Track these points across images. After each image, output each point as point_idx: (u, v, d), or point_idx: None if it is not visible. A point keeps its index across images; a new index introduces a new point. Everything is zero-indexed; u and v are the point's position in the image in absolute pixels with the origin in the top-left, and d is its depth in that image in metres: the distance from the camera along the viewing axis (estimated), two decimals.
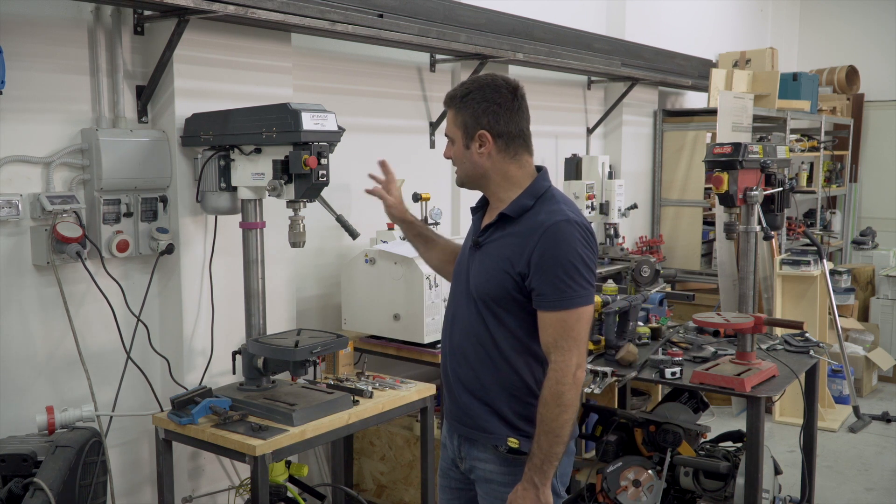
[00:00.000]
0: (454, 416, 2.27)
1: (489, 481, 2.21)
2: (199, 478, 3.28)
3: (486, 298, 2.14)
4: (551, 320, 2.05)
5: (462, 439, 2.25)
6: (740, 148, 3.83)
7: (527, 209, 2.13)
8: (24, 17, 2.80)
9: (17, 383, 2.84)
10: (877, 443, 5.25)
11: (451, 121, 2.20)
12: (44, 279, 2.87)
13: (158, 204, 3.11)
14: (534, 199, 2.14)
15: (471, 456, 2.24)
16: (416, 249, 2.59)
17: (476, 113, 2.14)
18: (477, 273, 2.17)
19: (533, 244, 2.06)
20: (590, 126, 6.01)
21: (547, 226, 2.06)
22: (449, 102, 2.21)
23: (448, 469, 2.37)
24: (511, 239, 2.12)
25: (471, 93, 2.15)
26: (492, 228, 2.18)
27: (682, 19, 7.05)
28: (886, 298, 6.94)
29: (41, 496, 2.36)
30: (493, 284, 2.12)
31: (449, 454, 2.34)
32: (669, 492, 3.47)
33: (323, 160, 2.75)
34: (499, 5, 4.64)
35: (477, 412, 2.18)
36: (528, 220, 2.11)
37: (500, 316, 2.13)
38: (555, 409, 2.03)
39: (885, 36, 8.61)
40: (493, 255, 2.14)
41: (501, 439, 2.15)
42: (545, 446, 2.04)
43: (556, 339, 2.04)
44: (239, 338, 3.21)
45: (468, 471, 2.27)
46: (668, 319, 3.97)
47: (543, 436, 2.04)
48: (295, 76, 3.58)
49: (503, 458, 2.17)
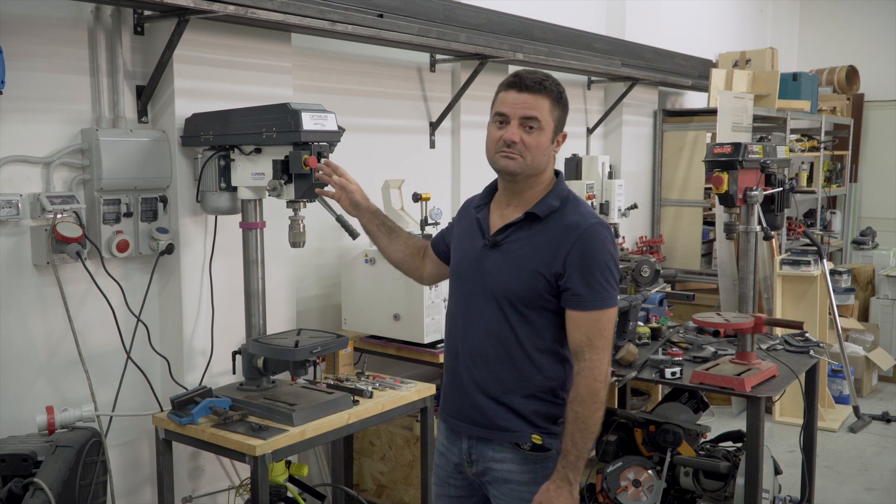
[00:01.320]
0: (466, 419, 2.22)
1: (507, 481, 2.18)
2: (199, 478, 3.28)
3: (513, 298, 2.12)
4: (585, 320, 2.07)
5: (474, 441, 2.21)
6: (740, 148, 3.82)
7: (554, 210, 2.14)
8: (24, 17, 2.80)
9: (17, 383, 2.84)
10: (877, 443, 5.25)
11: (548, 109, 2.12)
12: (44, 279, 2.87)
13: (158, 204, 3.11)
14: (559, 200, 2.15)
15: (485, 457, 2.20)
16: (377, 241, 2.53)
17: (565, 113, 2.17)
18: (499, 272, 2.14)
19: (569, 245, 2.07)
20: (590, 126, 6.01)
21: (584, 228, 2.08)
22: (546, 91, 2.12)
23: (448, 477, 2.32)
24: (540, 239, 2.11)
25: (563, 93, 2.16)
26: (513, 227, 2.16)
27: (682, 19, 7.05)
28: (886, 298, 6.94)
29: (41, 496, 2.36)
30: (521, 284, 2.11)
31: (452, 459, 2.28)
32: (669, 492, 3.47)
33: (323, 160, 2.74)
34: (499, 5, 4.64)
35: (495, 412, 2.16)
36: (558, 221, 2.12)
37: (525, 315, 2.12)
38: (591, 406, 2.05)
39: (885, 36, 8.61)
40: (520, 255, 2.12)
41: (524, 437, 2.15)
42: (580, 443, 2.05)
43: (591, 338, 2.07)
44: (239, 338, 3.21)
45: (480, 473, 2.22)
46: (668, 319, 3.97)
47: (578, 433, 2.05)
48: (295, 76, 3.58)
49: (523, 457, 2.16)
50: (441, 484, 2.35)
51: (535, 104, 2.10)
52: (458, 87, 4.51)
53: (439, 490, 2.36)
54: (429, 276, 2.54)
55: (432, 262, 2.50)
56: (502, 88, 2.18)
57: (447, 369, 2.31)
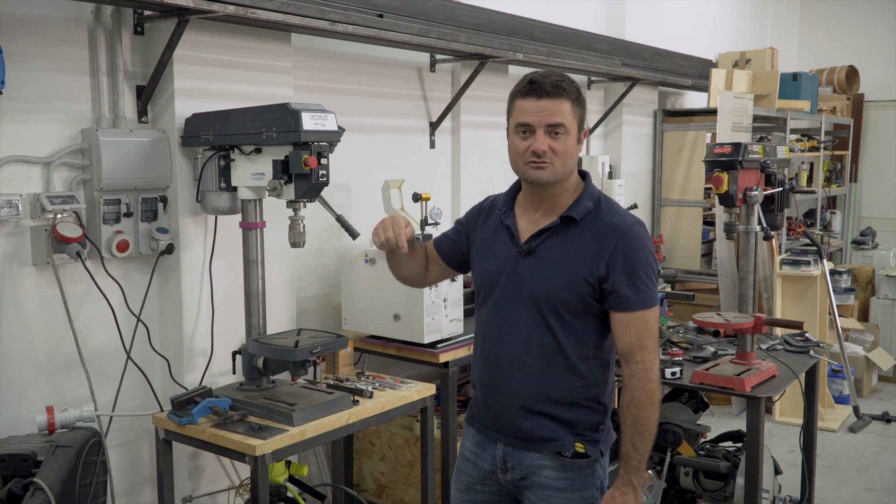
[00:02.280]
0: (505, 430, 2.17)
1: (545, 487, 2.15)
2: (199, 478, 3.28)
3: (556, 305, 2.08)
4: (634, 321, 2.05)
5: (510, 449, 2.18)
6: (740, 148, 3.82)
7: (588, 212, 2.10)
8: (24, 17, 2.80)
9: (17, 383, 2.84)
10: (877, 443, 5.25)
11: (570, 111, 2.07)
12: (44, 279, 2.87)
13: (158, 204, 3.11)
14: (592, 201, 2.12)
15: (523, 465, 2.17)
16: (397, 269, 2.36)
17: (585, 110, 2.13)
18: (538, 279, 2.09)
19: (612, 246, 2.04)
20: (590, 126, 6.01)
21: (624, 229, 2.06)
22: (565, 92, 2.06)
23: (475, 483, 2.27)
24: (579, 243, 2.08)
25: (580, 90, 2.11)
26: (547, 233, 2.11)
27: (682, 19, 7.05)
28: (886, 298, 6.94)
29: (41, 496, 2.36)
30: (564, 290, 2.07)
31: (484, 467, 2.24)
32: (669, 492, 3.47)
33: (323, 160, 2.74)
34: (499, 5, 4.64)
35: (537, 423, 2.13)
36: (595, 223, 2.09)
37: (567, 321, 2.08)
38: (649, 408, 2.05)
39: (885, 36, 8.61)
40: (559, 260, 2.08)
41: (567, 445, 2.13)
42: (641, 447, 2.05)
43: (640, 338, 2.05)
44: (239, 338, 3.21)
45: (517, 479, 2.19)
46: (668, 319, 3.98)
47: (638, 436, 2.05)
48: (295, 76, 3.58)
49: (562, 464, 2.13)
50: (466, 490, 2.30)
51: (557, 109, 2.05)
52: (458, 87, 4.51)
53: (464, 496, 2.31)
54: (433, 280, 2.47)
55: (437, 265, 2.41)
56: (519, 96, 2.10)
57: (482, 381, 2.24)
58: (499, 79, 4.69)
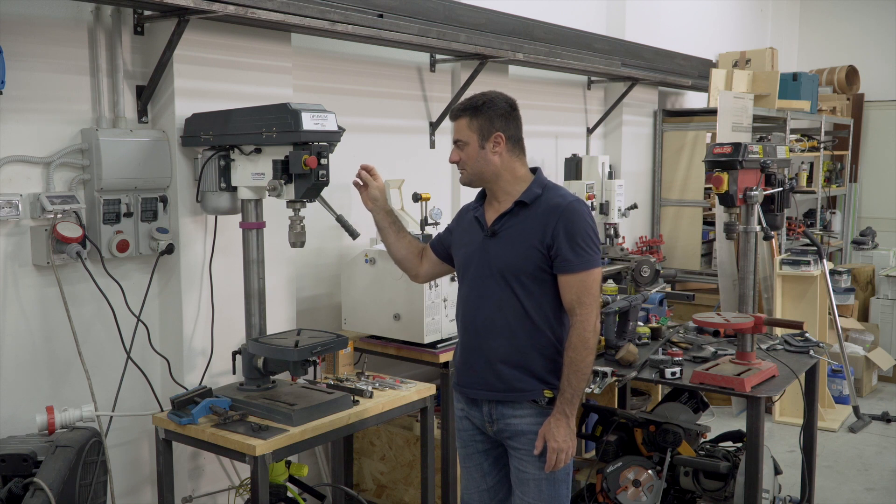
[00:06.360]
0: (485, 386, 2.57)
1: (524, 433, 2.54)
2: (199, 478, 3.28)
3: (518, 273, 2.50)
4: (574, 281, 2.47)
5: (493, 404, 2.57)
6: (740, 148, 3.82)
7: (538, 196, 2.54)
8: (24, 17, 2.80)
9: (17, 383, 2.84)
10: (877, 443, 5.25)
11: (465, 126, 2.56)
12: (44, 279, 2.87)
13: (158, 204, 3.11)
14: (541, 188, 2.56)
15: (505, 416, 2.56)
16: (386, 237, 2.87)
17: (491, 118, 2.54)
18: (502, 254, 2.53)
19: (555, 221, 2.47)
20: (590, 126, 6.01)
21: (564, 206, 2.49)
22: (462, 112, 2.56)
23: (471, 438, 2.69)
24: (530, 221, 2.51)
25: (484, 104, 2.54)
26: (506, 216, 2.55)
27: (682, 19, 7.05)
28: (886, 298, 6.94)
29: (41, 496, 2.36)
30: (523, 259, 2.49)
31: (474, 423, 2.66)
32: (669, 492, 3.47)
33: (323, 160, 2.74)
34: (499, 5, 4.64)
35: (511, 376, 2.52)
36: (543, 204, 2.52)
37: (528, 287, 2.50)
38: (582, 352, 2.46)
39: (885, 36, 8.62)
40: (517, 236, 2.52)
41: (538, 393, 2.52)
42: (575, 383, 2.46)
43: (580, 296, 2.47)
44: (239, 338, 3.21)
45: (500, 431, 2.59)
46: (668, 319, 3.97)
47: (573, 375, 2.46)
48: (295, 76, 3.58)
49: (538, 410, 2.52)
50: (467, 444, 2.71)
51: (458, 128, 2.59)
52: (458, 87, 4.51)
53: (466, 450, 2.72)
54: (425, 274, 2.90)
55: (430, 262, 2.86)
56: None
57: (462, 345, 2.66)
58: (499, 79, 4.69)
